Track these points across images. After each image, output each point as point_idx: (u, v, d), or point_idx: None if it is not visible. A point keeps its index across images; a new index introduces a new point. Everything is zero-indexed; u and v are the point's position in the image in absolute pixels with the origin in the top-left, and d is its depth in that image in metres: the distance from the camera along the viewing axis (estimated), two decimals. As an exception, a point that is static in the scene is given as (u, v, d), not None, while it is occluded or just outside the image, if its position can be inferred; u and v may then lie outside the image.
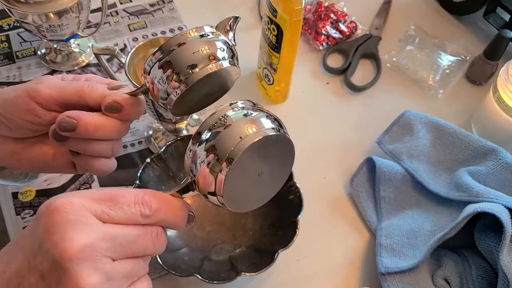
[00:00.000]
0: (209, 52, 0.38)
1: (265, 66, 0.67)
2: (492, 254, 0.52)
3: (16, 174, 0.49)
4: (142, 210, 0.34)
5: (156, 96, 0.40)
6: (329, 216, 0.62)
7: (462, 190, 0.57)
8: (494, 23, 0.77)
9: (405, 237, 0.57)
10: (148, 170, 0.56)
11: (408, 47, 0.77)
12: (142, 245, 0.34)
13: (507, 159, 0.58)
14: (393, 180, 0.61)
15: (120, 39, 0.75)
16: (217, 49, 0.39)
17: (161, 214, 0.35)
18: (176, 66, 0.38)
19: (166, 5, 0.80)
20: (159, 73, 0.38)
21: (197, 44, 0.38)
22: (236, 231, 0.58)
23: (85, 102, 0.41)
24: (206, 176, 0.35)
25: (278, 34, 0.61)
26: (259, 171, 0.37)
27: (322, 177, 0.65)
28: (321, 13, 0.78)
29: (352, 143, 0.68)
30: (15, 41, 0.74)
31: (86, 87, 0.41)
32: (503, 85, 0.62)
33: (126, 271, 0.33)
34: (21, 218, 0.58)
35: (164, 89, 0.39)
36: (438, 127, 0.64)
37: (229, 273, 0.51)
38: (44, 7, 0.60)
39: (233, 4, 0.82)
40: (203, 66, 0.38)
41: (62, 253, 0.30)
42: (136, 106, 0.41)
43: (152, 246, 0.35)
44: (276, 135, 0.35)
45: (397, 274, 0.53)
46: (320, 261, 0.58)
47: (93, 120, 0.40)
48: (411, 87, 0.74)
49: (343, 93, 0.73)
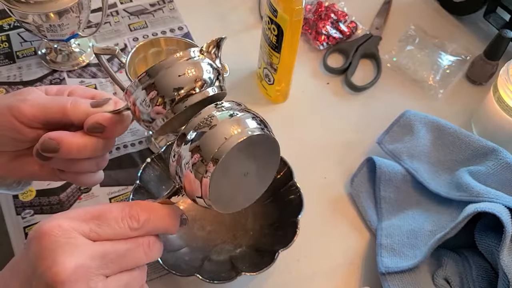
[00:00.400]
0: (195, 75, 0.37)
1: (266, 66, 0.67)
2: (492, 254, 0.52)
3: (9, 183, 0.49)
4: (130, 224, 0.35)
5: (138, 118, 0.39)
6: (329, 216, 0.62)
7: (463, 190, 0.57)
8: (494, 23, 0.77)
9: (405, 237, 0.57)
10: (149, 170, 0.56)
11: (408, 47, 0.77)
12: (134, 257, 0.35)
13: (508, 159, 0.58)
14: (394, 180, 0.61)
15: (121, 39, 0.75)
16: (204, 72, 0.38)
17: (150, 224, 0.36)
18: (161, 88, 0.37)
19: (166, 5, 0.80)
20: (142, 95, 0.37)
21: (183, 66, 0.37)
22: (236, 231, 0.58)
23: (69, 120, 0.41)
24: (191, 181, 0.35)
25: (279, 34, 0.61)
26: (244, 171, 0.37)
27: (323, 177, 0.65)
28: (322, 13, 0.78)
29: (352, 143, 0.68)
30: (15, 41, 0.74)
31: (69, 105, 0.41)
32: (504, 85, 0.62)
33: (121, 285, 0.34)
34: (21, 218, 0.58)
35: (148, 112, 0.38)
36: (438, 127, 0.64)
37: (229, 273, 0.51)
38: (44, 7, 0.59)
39: (233, 4, 0.82)
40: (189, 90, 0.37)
41: (55, 277, 0.31)
42: (120, 124, 0.41)
43: (145, 257, 0.36)
44: (261, 135, 0.35)
45: (398, 274, 0.53)
46: (320, 261, 0.58)
47: (76, 142, 0.40)
48: (411, 87, 0.74)
49: (344, 93, 0.73)
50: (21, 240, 0.57)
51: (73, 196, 0.60)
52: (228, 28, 0.79)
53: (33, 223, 0.58)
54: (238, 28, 0.79)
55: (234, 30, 0.79)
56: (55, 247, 0.32)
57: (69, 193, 0.60)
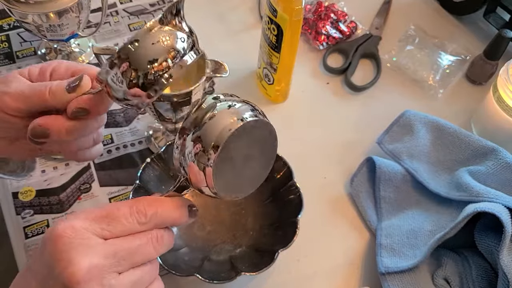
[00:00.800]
0: (169, 44, 0.37)
1: (265, 66, 0.67)
2: (492, 254, 0.52)
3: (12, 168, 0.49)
4: (138, 219, 0.36)
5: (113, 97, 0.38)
6: (329, 216, 0.62)
7: (462, 190, 0.57)
8: (494, 23, 0.77)
9: (405, 237, 0.57)
10: (148, 170, 0.56)
11: (408, 47, 0.77)
12: (144, 253, 0.36)
13: (507, 159, 0.58)
14: (393, 180, 0.61)
15: (120, 39, 0.75)
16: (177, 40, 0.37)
17: (158, 217, 0.37)
18: (134, 61, 0.36)
19: (166, 5, 0.80)
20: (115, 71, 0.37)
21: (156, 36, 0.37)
22: (236, 231, 0.58)
23: (52, 107, 0.41)
24: (196, 171, 0.36)
25: (278, 34, 0.61)
26: (246, 157, 0.38)
27: (322, 177, 0.65)
28: (321, 13, 0.78)
29: (352, 143, 0.68)
30: (15, 41, 0.74)
31: (47, 95, 0.41)
32: (503, 85, 0.62)
33: (134, 281, 0.35)
34: (21, 218, 0.58)
35: (123, 90, 0.37)
36: (438, 127, 0.64)
37: (229, 273, 0.51)
38: (44, 7, 0.59)
39: (233, 4, 0.82)
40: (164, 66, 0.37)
41: (70, 277, 0.32)
42: (102, 102, 0.41)
43: (154, 251, 0.37)
44: (258, 120, 0.37)
45: (397, 274, 0.53)
46: (320, 261, 0.58)
47: (65, 125, 0.40)
48: (411, 87, 0.74)
49: (343, 93, 0.73)
50: (21, 240, 0.57)
51: (73, 196, 0.60)
52: (228, 28, 0.79)
53: (33, 223, 0.58)
54: (238, 28, 0.79)
55: (234, 30, 0.79)
56: (69, 248, 0.33)
57: (69, 193, 0.60)
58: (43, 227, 0.58)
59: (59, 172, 0.62)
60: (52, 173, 0.61)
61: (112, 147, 0.65)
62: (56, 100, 0.41)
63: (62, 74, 0.44)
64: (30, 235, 0.57)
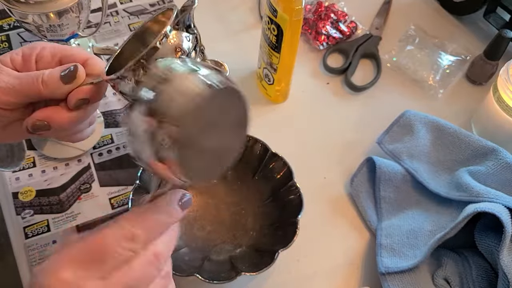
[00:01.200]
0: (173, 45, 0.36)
1: (265, 66, 0.67)
2: (492, 254, 0.52)
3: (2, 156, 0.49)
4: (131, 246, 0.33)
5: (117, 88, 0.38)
6: (329, 216, 0.62)
7: (462, 190, 0.57)
8: (494, 23, 0.77)
9: (405, 237, 0.57)
10: (148, 170, 0.56)
11: (408, 47, 0.77)
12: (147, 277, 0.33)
13: (507, 159, 0.58)
14: (393, 180, 0.61)
15: (120, 39, 0.75)
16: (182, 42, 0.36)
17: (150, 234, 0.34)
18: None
19: (166, 5, 0.80)
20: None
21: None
22: (236, 231, 0.58)
23: (46, 98, 0.40)
24: (158, 166, 0.31)
25: (278, 34, 0.61)
26: (214, 130, 0.33)
27: (322, 177, 0.65)
28: (321, 13, 0.78)
29: (352, 143, 0.68)
30: (15, 41, 0.74)
31: (40, 86, 0.39)
32: (503, 85, 0.62)
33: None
34: (21, 218, 0.58)
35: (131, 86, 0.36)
36: (438, 127, 0.64)
37: (229, 273, 0.51)
38: (44, 7, 0.59)
39: (233, 4, 0.82)
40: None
41: None
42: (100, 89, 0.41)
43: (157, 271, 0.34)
44: (225, 88, 0.31)
45: (397, 274, 0.53)
46: (320, 261, 0.58)
47: (66, 117, 0.40)
48: (411, 87, 0.74)
49: (343, 93, 0.73)
50: (21, 240, 0.57)
51: (73, 196, 0.60)
52: (228, 28, 0.79)
53: (33, 223, 0.58)
54: (238, 28, 0.79)
55: (234, 30, 0.79)
56: None
57: (69, 193, 0.60)
58: (43, 227, 0.58)
59: (59, 172, 0.62)
60: (52, 173, 0.61)
61: (112, 147, 0.65)
62: (50, 91, 0.39)
63: (49, 61, 0.42)
64: (30, 235, 0.57)
